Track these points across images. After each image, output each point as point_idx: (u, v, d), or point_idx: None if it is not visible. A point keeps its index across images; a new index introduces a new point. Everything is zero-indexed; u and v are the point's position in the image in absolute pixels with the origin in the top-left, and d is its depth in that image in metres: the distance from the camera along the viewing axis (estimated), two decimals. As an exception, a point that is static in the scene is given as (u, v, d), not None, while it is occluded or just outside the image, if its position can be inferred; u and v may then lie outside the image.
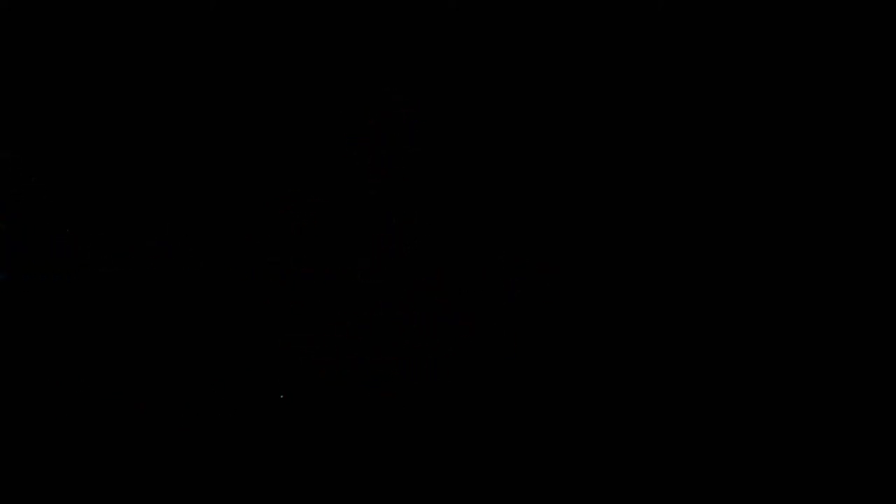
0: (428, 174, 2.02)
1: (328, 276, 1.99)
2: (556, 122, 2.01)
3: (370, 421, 1.88)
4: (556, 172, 2.01)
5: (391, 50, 2.03)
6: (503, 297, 1.96)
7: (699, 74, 1.99)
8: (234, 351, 1.91)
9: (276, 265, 1.97)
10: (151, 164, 2.01)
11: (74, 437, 1.78)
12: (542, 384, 1.91)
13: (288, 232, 2.01)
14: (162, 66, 2.03)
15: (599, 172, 2.00)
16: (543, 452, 1.85)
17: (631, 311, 1.94)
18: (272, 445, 1.84)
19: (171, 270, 1.94)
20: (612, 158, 2.00)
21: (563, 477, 1.83)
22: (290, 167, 2.04)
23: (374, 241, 2.01)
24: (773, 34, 1.96)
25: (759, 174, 1.96)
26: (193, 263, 1.96)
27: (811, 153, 1.95)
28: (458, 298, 1.96)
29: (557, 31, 2.01)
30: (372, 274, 1.98)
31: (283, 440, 1.85)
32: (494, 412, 1.89)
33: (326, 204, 2.03)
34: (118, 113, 2.02)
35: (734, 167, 1.96)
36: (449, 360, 1.93)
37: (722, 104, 1.98)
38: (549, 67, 2.02)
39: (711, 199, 1.96)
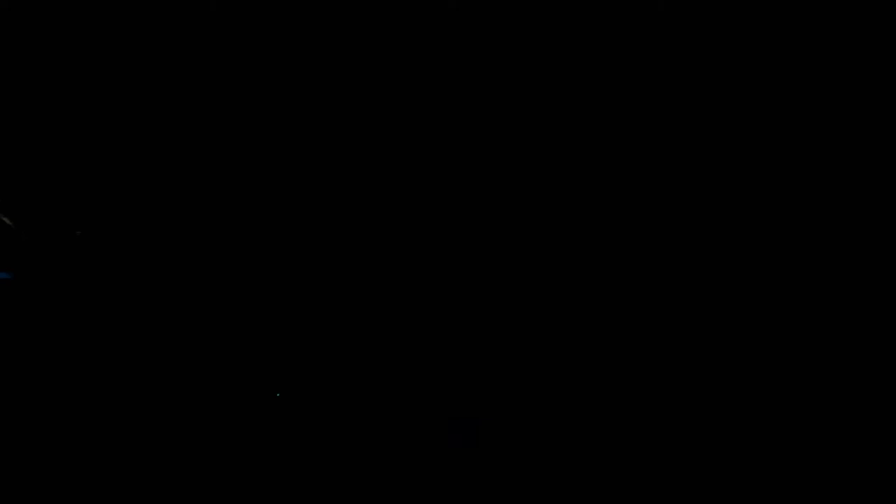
0: (428, 174, 2.02)
1: (328, 275, 1.99)
2: (556, 122, 2.02)
3: (370, 421, 1.88)
4: (556, 172, 2.01)
5: (391, 50, 2.03)
6: (503, 296, 1.96)
7: (699, 74, 1.99)
8: (234, 351, 1.92)
9: (276, 265, 1.97)
10: (153, 164, 2.02)
11: (74, 436, 1.79)
12: (541, 384, 1.91)
13: (288, 232, 2.01)
14: (164, 67, 2.03)
15: (599, 172, 2.00)
16: (543, 452, 1.85)
17: (631, 310, 1.94)
18: (271, 445, 1.84)
19: (171, 270, 1.94)
20: (611, 158, 2.00)
21: (563, 477, 1.83)
22: (290, 167, 2.04)
23: (374, 240, 2.01)
24: (772, 34, 1.96)
25: (759, 174, 1.96)
26: (193, 263, 1.96)
27: (811, 153, 1.95)
28: (458, 298, 1.97)
29: (557, 31, 2.01)
30: (372, 273, 1.99)
31: (282, 440, 1.85)
32: (495, 412, 1.89)
33: (326, 204, 2.03)
34: (119, 114, 2.02)
35: (733, 167, 1.96)
36: (449, 359, 1.93)
37: (722, 104, 1.98)
38: (549, 67, 2.02)
39: (710, 198, 1.97)
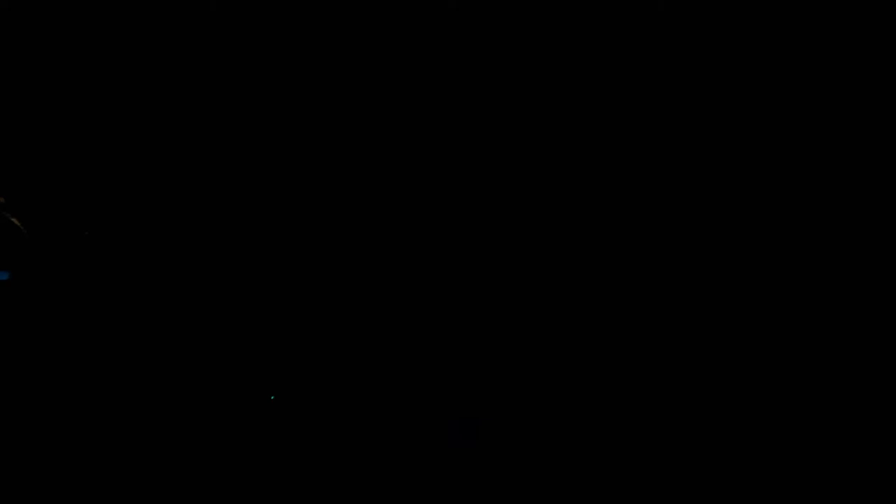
0: (428, 174, 2.02)
1: (327, 276, 1.99)
2: (556, 122, 2.02)
3: (370, 421, 1.88)
4: (556, 172, 2.01)
5: (391, 50, 2.03)
6: (503, 296, 1.96)
7: (699, 74, 1.99)
8: (237, 350, 1.91)
9: (279, 264, 1.97)
10: (155, 165, 2.02)
11: (75, 437, 1.78)
12: (541, 384, 1.91)
13: (291, 231, 2.01)
14: (171, 68, 2.03)
15: (599, 172, 2.00)
16: (543, 452, 1.85)
17: (630, 311, 1.94)
18: (271, 445, 1.84)
19: (178, 270, 1.94)
20: (611, 158, 2.00)
21: (563, 477, 1.83)
22: (291, 167, 2.04)
23: (373, 241, 2.01)
24: (773, 34, 1.96)
25: (759, 174, 1.96)
26: (194, 263, 1.96)
27: (811, 153, 1.95)
28: (457, 298, 1.96)
29: (557, 31, 2.01)
30: (372, 274, 1.99)
31: (282, 440, 1.85)
32: (494, 412, 1.89)
33: (327, 204, 2.03)
34: (127, 114, 2.02)
35: (733, 167, 1.96)
36: (449, 360, 1.93)
37: (721, 104, 1.98)
38: (549, 67, 2.02)
39: (710, 199, 1.97)
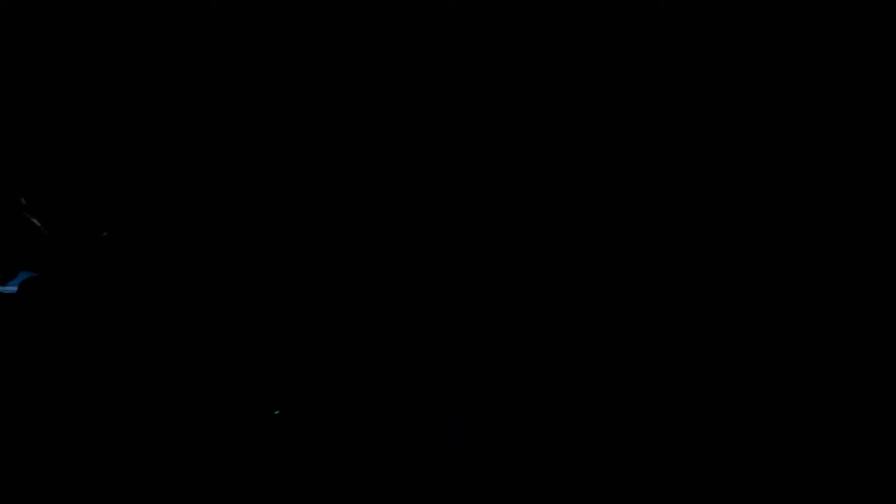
0: (427, 174, 2.02)
1: (327, 276, 1.99)
2: (556, 122, 2.02)
3: (370, 421, 1.88)
4: (555, 172, 2.01)
5: (391, 50, 2.03)
6: (503, 296, 1.96)
7: (699, 75, 1.99)
8: (235, 353, 1.91)
9: (288, 263, 1.97)
10: (170, 166, 2.02)
11: (78, 439, 1.78)
12: (540, 384, 1.91)
13: (288, 232, 2.01)
14: (170, 71, 2.03)
15: (599, 172, 2.00)
16: (543, 452, 1.85)
17: (630, 311, 1.94)
18: (270, 445, 1.84)
19: (173, 271, 1.94)
20: (611, 159, 2.00)
21: (564, 477, 1.83)
22: (290, 168, 2.04)
23: (373, 241, 2.01)
24: (773, 34, 1.96)
25: (759, 174, 1.96)
26: (194, 264, 1.96)
27: (811, 153, 1.95)
28: (458, 298, 1.96)
29: (557, 31, 2.01)
30: (372, 274, 1.98)
31: (282, 440, 1.85)
32: (494, 412, 1.89)
33: (325, 204, 2.03)
34: (135, 115, 2.03)
35: (733, 167, 1.96)
36: (448, 359, 1.93)
37: (722, 104, 1.98)
38: (549, 67, 2.02)
39: (709, 199, 1.97)
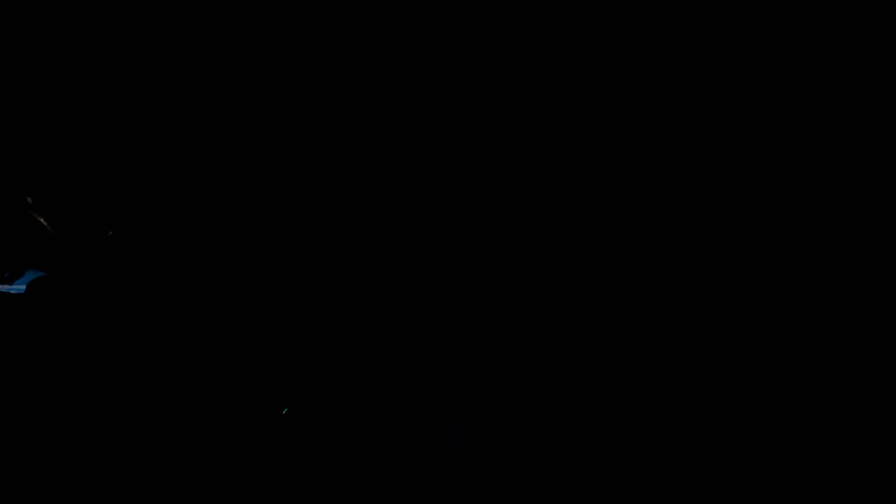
0: (426, 174, 2.02)
1: (327, 276, 1.99)
2: (556, 122, 2.02)
3: (370, 420, 1.88)
4: (555, 172, 2.01)
5: (391, 50, 2.03)
6: (503, 297, 1.96)
7: (699, 75, 1.99)
8: (235, 353, 1.91)
9: (292, 264, 1.97)
10: (175, 165, 2.02)
11: (85, 438, 1.78)
12: (540, 384, 1.91)
13: (290, 230, 2.01)
14: (172, 73, 2.03)
15: (598, 173, 2.00)
16: (542, 453, 1.85)
17: (629, 311, 1.94)
18: (270, 445, 1.84)
19: (174, 271, 1.94)
20: (611, 159, 2.00)
21: (564, 477, 1.83)
22: (290, 168, 2.04)
23: (373, 241, 2.01)
24: (773, 34, 1.96)
25: (759, 174, 1.96)
26: (199, 263, 1.96)
27: (811, 153, 1.95)
28: (458, 298, 1.96)
29: (557, 31, 2.01)
30: (372, 274, 1.98)
31: (281, 440, 1.85)
32: (494, 412, 1.89)
33: (325, 204, 2.03)
34: (140, 114, 2.03)
35: (734, 167, 1.97)
36: (448, 359, 1.93)
37: (722, 104, 1.98)
38: (549, 67, 2.02)
39: (709, 199, 1.97)
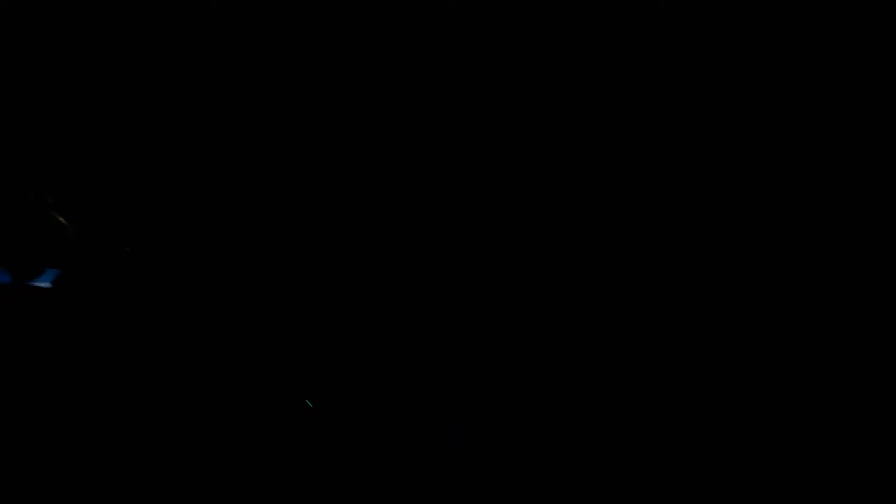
0: (426, 174, 2.02)
1: (327, 276, 1.99)
2: (556, 122, 2.02)
3: (371, 421, 1.88)
4: (554, 172, 2.01)
5: (391, 49, 2.03)
6: (503, 296, 1.96)
7: (699, 75, 1.99)
8: (237, 354, 1.91)
9: (291, 265, 1.97)
10: (176, 168, 2.02)
11: (79, 440, 1.78)
12: (540, 384, 1.91)
13: (289, 232, 2.01)
14: (175, 75, 2.03)
15: (598, 173, 2.00)
16: (542, 453, 1.85)
17: (629, 311, 1.94)
18: (273, 446, 1.84)
19: (175, 272, 1.94)
20: (611, 159, 2.00)
21: (564, 477, 1.83)
22: (291, 168, 2.04)
23: (373, 241, 2.01)
24: (773, 34, 1.96)
25: (759, 174, 1.96)
26: (196, 264, 1.96)
27: (811, 153, 1.95)
28: (458, 298, 1.97)
29: (557, 31, 2.01)
30: (372, 274, 1.99)
31: (283, 442, 1.85)
32: (494, 412, 1.89)
33: (325, 204, 2.03)
34: (123, 118, 2.03)
35: (733, 167, 1.97)
36: (448, 359, 1.93)
37: (722, 104, 1.98)
38: (549, 67, 2.02)
39: (709, 199, 1.97)
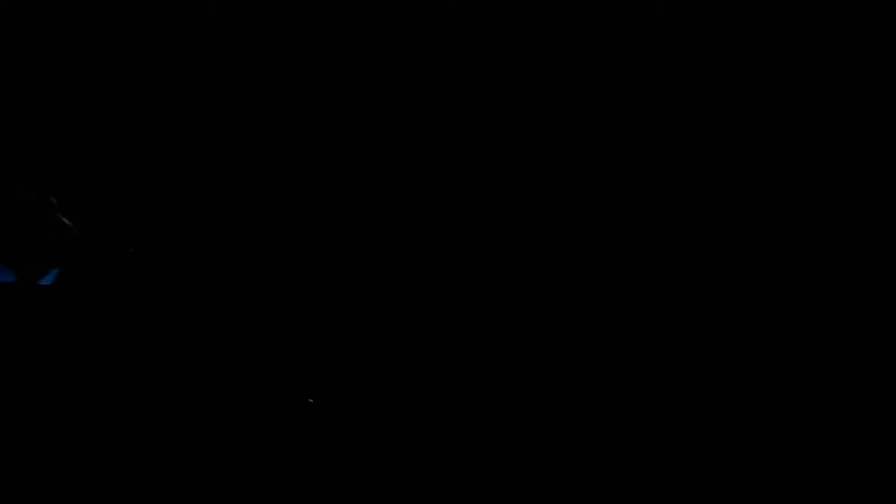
0: (426, 174, 2.02)
1: (328, 276, 1.99)
2: (556, 122, 2.02)
3: (371, 421, 1.88)
4: (554, 172, 2.01)
5: (391, 49, 2.03)
6: (503, 296, 1.96)
7: (699, 75, 1.99)
8: (240, 353, 1.91)
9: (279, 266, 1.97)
10: (161, 169, 2.02)
11: (79, 440, 1.78)
12: (540, 384, 1.91)
13: (289, 233, 2.01)
14: (176, 76, 2.03)
15: (598, 173, 2.00)
16: (542, 453, 1.85)
17: (628, 311, 1.94)
18: (273, 446, 1.84)
19: (175, 272, 1.94)
20: (611, 159, 2.00)
21: (564, 477, 1.83)
22: (293, 169, 2.04)
23: (373, 241, 2.01)
24: (773, 34, 1.96)
25: (759, 174, 1.96)
26: (196, 264, 1.96)
27: (811, 153, 1.95)
28: (458, 299, 1.96)
29: (557, 31, 2.01)
30: (372, 274, 1.98)
31: (283, 442, 1.85)
32: (494, 412, 1.89)
33: (325, 204, 2.03)
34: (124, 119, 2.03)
35: (733, 167, 1.96)
36: (447, 359, 1.93)
37: (721, 104, 1.98)
38: (549, 67, 2.02)
39: (709, 199, 1.97)
